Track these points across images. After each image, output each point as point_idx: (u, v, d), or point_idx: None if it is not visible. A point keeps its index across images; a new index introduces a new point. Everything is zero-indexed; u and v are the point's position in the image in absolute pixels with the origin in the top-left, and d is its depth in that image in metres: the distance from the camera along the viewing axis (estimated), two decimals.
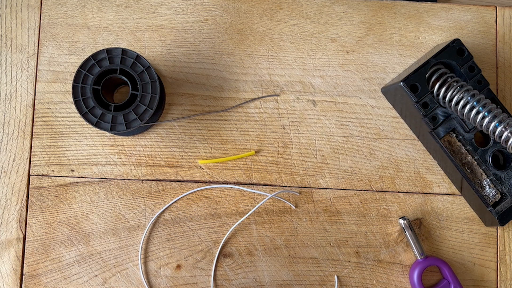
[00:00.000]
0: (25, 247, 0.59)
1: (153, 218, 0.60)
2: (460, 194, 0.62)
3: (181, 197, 0.60)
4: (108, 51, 0.56)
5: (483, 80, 0.58)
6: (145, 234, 0.60)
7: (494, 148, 0.59)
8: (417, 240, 0.59)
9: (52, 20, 0.62)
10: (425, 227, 0.61)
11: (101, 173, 0.61)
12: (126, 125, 0.56)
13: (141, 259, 0.60)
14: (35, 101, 0.61)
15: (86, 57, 0.57)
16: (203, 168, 0.61)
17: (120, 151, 0.61)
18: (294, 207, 0.61)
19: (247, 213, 0.60)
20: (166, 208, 0.60)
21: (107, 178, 0.61)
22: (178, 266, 0.60)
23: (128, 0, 0.63)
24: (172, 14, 0.63)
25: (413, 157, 0.62)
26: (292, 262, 0.60)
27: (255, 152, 0.61)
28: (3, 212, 0.60)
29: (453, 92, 0.56)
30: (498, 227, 0.61)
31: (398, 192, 0.61)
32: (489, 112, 0.54)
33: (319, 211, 0.61)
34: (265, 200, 0.60)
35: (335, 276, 0.60)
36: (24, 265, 0.59)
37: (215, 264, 0.60)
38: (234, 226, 0.60)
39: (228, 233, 0.60)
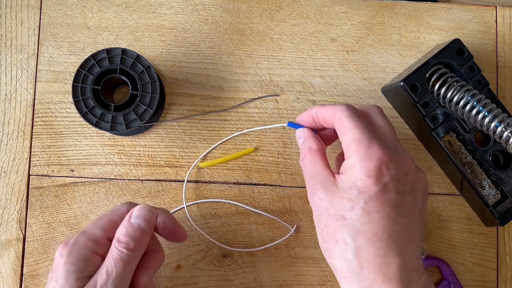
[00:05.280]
0: (25, 247, 0.59)
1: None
2: (460, 194, 0.62)
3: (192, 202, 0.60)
4: (108, 51, 0.56)
5: (483, 80, 0.58)
6: None
7: (494, 148, 0.59)
8: None
9: (52, 20, 0.62)
10: (425, 227, 0.61)
11: (101, 173, 0.61)
12: (126, 125, 0.56)
13: None
14: (35, 101, 0.61)
15: (86, 57, 0.57)
16: (203, 168, 0.61)
17: (120, 151, 0.61)
18: (294, 231, 0.61)
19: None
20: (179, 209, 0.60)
21: (107, 178, 0.61)
22: (178, 266, 0.60)
23: (128, 0, 0.63)
24: (172, 14, 0.63)
25: (413, 157, 0.62)
26: (292, 262, 0.60)
27: (254, 149, 0.61)
28: (3, 212, 0.60)
29: (453, 92, 0.56)
30: (498, 227, 0.61)
31: None
32: (489, 112, 0.54)
33: None
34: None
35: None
36: (24, 265, 0.59)
37: None
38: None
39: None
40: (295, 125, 0.53)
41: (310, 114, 0.51)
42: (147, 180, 0.61)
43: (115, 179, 0.61)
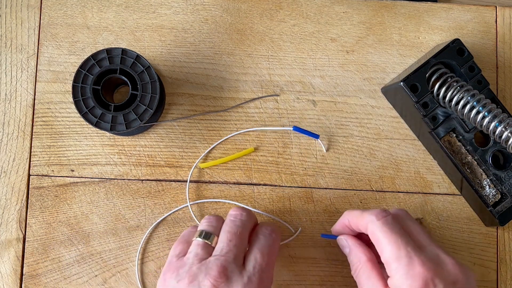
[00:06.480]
0: (25, 247, 0.59)
1: (160, 219, 0.60)
2: (460, 194, 0.62)
3: (196, 201, 0.60)
4: (108, 51, 0.56)
5: (483, 80, 0.58)
6: (147, 235, 0.60)
7: (494, 148, 0.59)
8: None
9: (52, 20, 0.62)
10: (425, 227, 0.61)
11: (101, 173, 0.61)
12: (126, 125, 0.56)
13: (138, 259, 0.60)
14: (35, 101, 0.61)
15: (86, 57, 0.57)
16: (203, 168, 0.61)
17: (120, 151, 0.61)
18: (293, 231, 0.61)
19: None
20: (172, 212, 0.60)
21: (107, 178, 0.61)
22: None
23: (128, 0, 0.63)
24: (172, 14, 0.63)
25: (413, 157, 0.62)
26: (292, 262, 0.60)
27: (254, 149, 0.61)
28: (3, 212, 0.60)
29: (453, 92, 0.56)
30: (498, 227, 0.61)
31: (398, 192, 0.61)
32: (489, 112, 0.54)
33: (319, 211, 0.61)
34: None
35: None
36: (24, 265, 0.59)
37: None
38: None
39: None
40: (300, 130, 0.56)
41: (343, 223, 0.51)
42: (147, 180, 0.61)
43: (115, 179, 0.61)
